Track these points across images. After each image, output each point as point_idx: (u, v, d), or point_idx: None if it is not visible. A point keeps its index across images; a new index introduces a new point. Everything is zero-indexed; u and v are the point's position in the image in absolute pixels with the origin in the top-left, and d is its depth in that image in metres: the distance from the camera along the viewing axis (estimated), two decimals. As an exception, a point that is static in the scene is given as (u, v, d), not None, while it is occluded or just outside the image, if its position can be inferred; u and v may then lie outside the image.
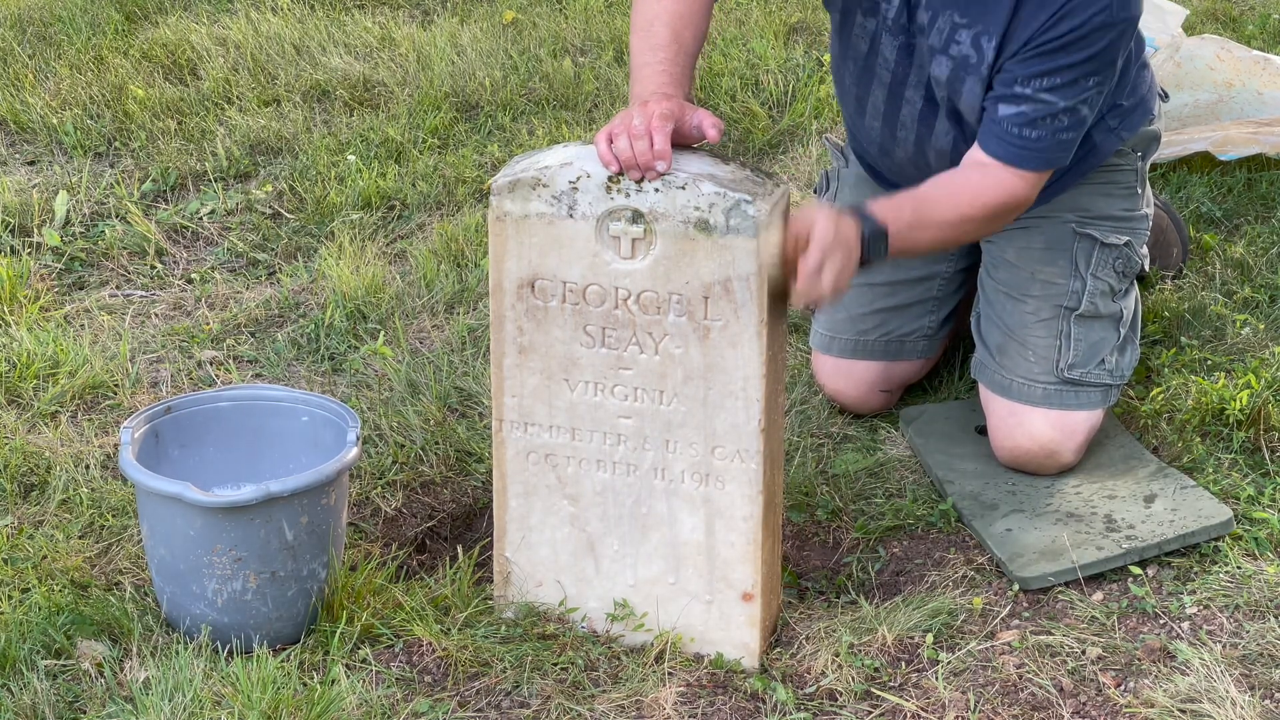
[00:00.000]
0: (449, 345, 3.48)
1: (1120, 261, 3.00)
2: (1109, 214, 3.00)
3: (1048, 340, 2.97)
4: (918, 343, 3.23)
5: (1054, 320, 2.98)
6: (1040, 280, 2.99)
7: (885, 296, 3.20)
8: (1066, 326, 2.97)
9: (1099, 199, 2.99)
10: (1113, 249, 2.98)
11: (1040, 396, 2.97)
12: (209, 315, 3.67)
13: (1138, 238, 3.03)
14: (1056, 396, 2.97)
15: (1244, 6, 5.29)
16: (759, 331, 2.43)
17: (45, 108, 4.65)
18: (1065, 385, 2.96)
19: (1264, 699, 2.43)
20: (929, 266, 3.20)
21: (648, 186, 2.41)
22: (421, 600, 2.65)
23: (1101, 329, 2.99)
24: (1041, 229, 2.99)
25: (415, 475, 3.05)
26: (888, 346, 3.21)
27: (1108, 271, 2.99)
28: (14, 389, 3.31)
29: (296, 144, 4.43)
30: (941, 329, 3.26)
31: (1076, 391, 2.97)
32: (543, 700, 2.48)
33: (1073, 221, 2.98)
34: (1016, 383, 2.99)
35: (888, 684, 2.52)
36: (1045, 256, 2.99)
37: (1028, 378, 2.98)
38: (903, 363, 3.23)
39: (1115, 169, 3.00)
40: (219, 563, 2.53)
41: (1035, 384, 2.98)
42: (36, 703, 2.45)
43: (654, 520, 2.57)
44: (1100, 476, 2.95)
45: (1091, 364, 2.98)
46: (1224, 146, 4.00)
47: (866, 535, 2.90)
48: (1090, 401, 2.98)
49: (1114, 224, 3.00)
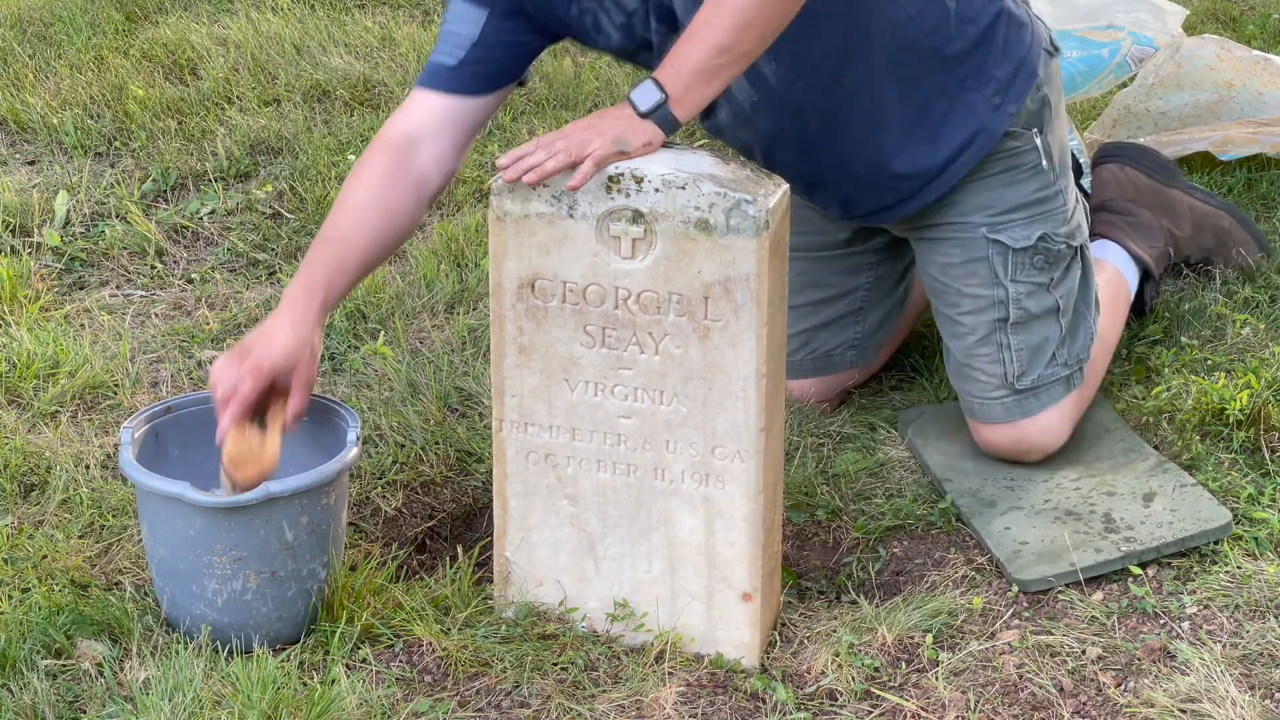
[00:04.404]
0: (449, 345, 3.48)
1: (1039, 258, 2.93)
2: (1021, 203, 2.93)
3: (992, 358, 2.95)
4: (845, 354, 3.24)
5: (990, 336, 2.95)
6: (968, 296, 2.96)
7: (807, 317, 3.21)
8: (1004, 339, 2.95)
9: (1005, 190, 2.92)
10: (1026, 251, 2.92)
11: (1001, 413, 2.96)
12: (209, 315, 3.67)
13: (1053, 219, 2.94)
14: (1017, 407, 2.96)
15: (1244, 6, 5.29)
16: (759, 332, 2.43)
17: (45, 108, 4.65)
18: (1021, 394, 2.96)
19: (1264, 699, 2.43)
20: (848, 280, 3.20)
21: (648, 186, 2.41)
22: (421, 600, 2.65)
23: (1041, 328, 2.96)
24: (957, 240, 2.95)
25: (415, 475, 3.05)
26: (815, 363, 3.23)
27: (1027, 272, 2.93)
28: (14, 389, 3.31)
29: (297, 144, 4.43)
30: (871, 338, 3.25)
31: (1036, 394, 2.96)
32: (543, 700, 2.48)
33: (984, 226, 2.92)
34: (977, 404, 2.99)
35: (888, 684, 2.52)
36: (965, 270, 2.95)
37: (984, 398, 2.97)
38: (833, 375, 3.25)
39: (1014, 153, 2.91)
40: (219, 563, 2.53)
41: (993, 403, 2.97)
42: (36, 703, 2.45)
43: (654, 520, 2.57)
44: (1100, 470, 2.95)
45: (1041, 366, 2.96)
46: (1224, 146, 4.01)
47: (866, 535, 2.90)
48: (1053, 397, 2.97)
49: (1027, 214, 2.92)
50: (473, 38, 2.75)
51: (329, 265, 2.68)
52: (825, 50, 2.75)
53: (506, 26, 2.76)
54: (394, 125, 2.77)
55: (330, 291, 2.67)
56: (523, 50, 2.80)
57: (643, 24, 2.72)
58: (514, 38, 2.78)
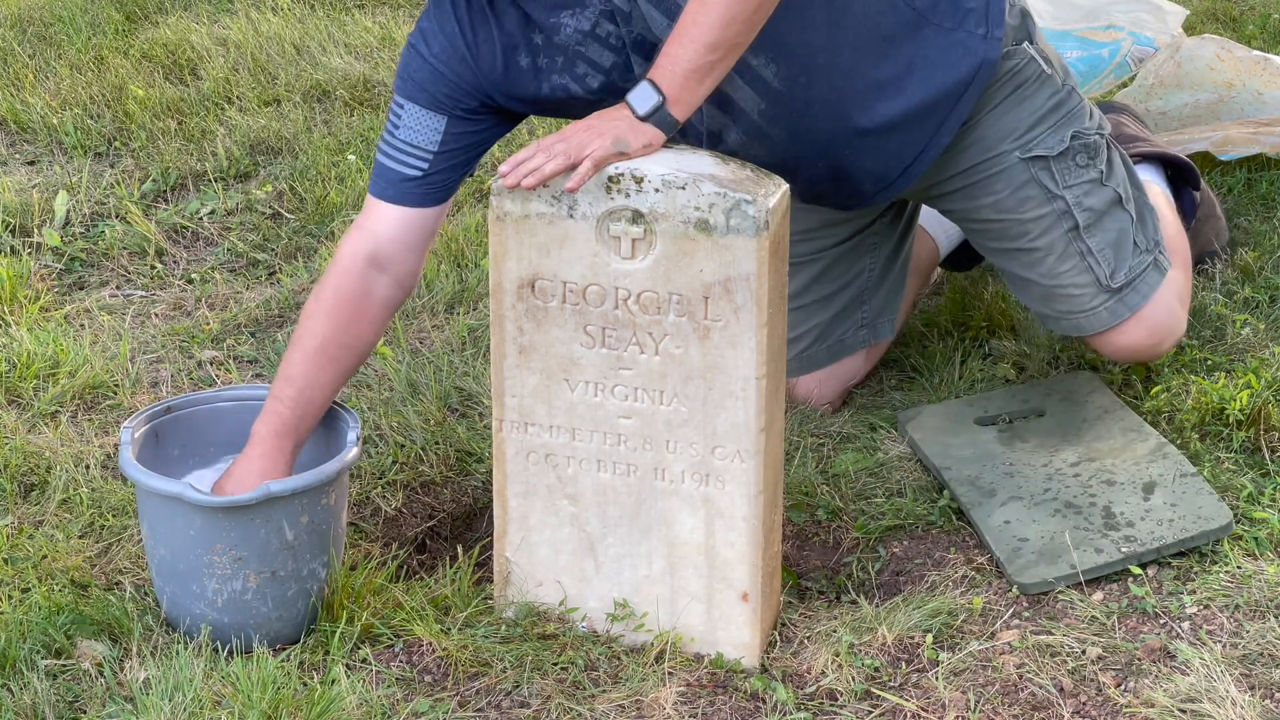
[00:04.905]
0: (449, 345, 3.48)
1: (1080, 155, 2.93)
2: (1038, 115, 2.92)
3: (1078, 269, 2.94)
4: (857, 334, 3.24)
5: (1069, 249, 2.94)
6: (1030, 220, 2.94)
7: (820, 310, 3.21)
8: (1083, 245, 2.94)
9: (1019, 109, 2.92)
10: (1066, 154, 2.92)
11: (1108, 317, 2.96)
12: (209, 315, 3.67)
13: (1076, 116, 2.94)
14: (1121, 305, 2.95)
15: (1244, 6, 5.29)
16: (759, 332, 2.43)
17: (45, 108, 4.65)
18: (1119, 292, 2.95)
19: (1264, 699, 2.43)
20: (854, 266, 3.20)
21: (648, 186, 2.41)
22: (421, 600, 2.65)
23: (1113, 221, 2.96)
24: (995, 174, 2.93)
25: (415, 475, 3.05)
26: (831, 350, 3.23)
27: (1076, 173, 2.93)
28: (14, 389, 3.31)
29: (296, 144, 4.43)
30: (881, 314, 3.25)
31: (1134, 287, 2.96)
32: (543, 700, 2.49)
33: (1015, 150, 2.91)
34: (1082, 318, 2.97)
35: (888, 684, 2.52)
36: (1017, 199, 2.94)
37: (1085, 310, 2.96)
38: (848, 360, 3.25)
39: (1014, 72, 2.90)
40: (219, 562, 2.53)
41: (1097, 311, 2.96)
42: (36, 703, 2.45)
43: (654, 520, 2.57)
44: (1099, 453, 2.95)
45: (1129, 257, 2.95)
46: (1224, 146, 4.01)
47: (866, 535, 2.90)
48: (1151, 284, 2.97)
49: (1050, 121, 2.93)
50: (434, 147, 2.73)
51: (298, 410, 2.68)
52: (814, 37, 2.74)
53: (470, 129, 2.75)
54: (357, 243, 2.74)
55: (299, 430, 2.69)
56: (483, 146, 2.80)
57: (623, 73, 2.70)
58: (476, 137, 2.77)
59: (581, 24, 2.67)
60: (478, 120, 2.75)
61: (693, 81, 2.50)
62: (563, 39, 2.68)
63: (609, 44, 2.68)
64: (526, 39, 2.70)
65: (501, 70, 2.71)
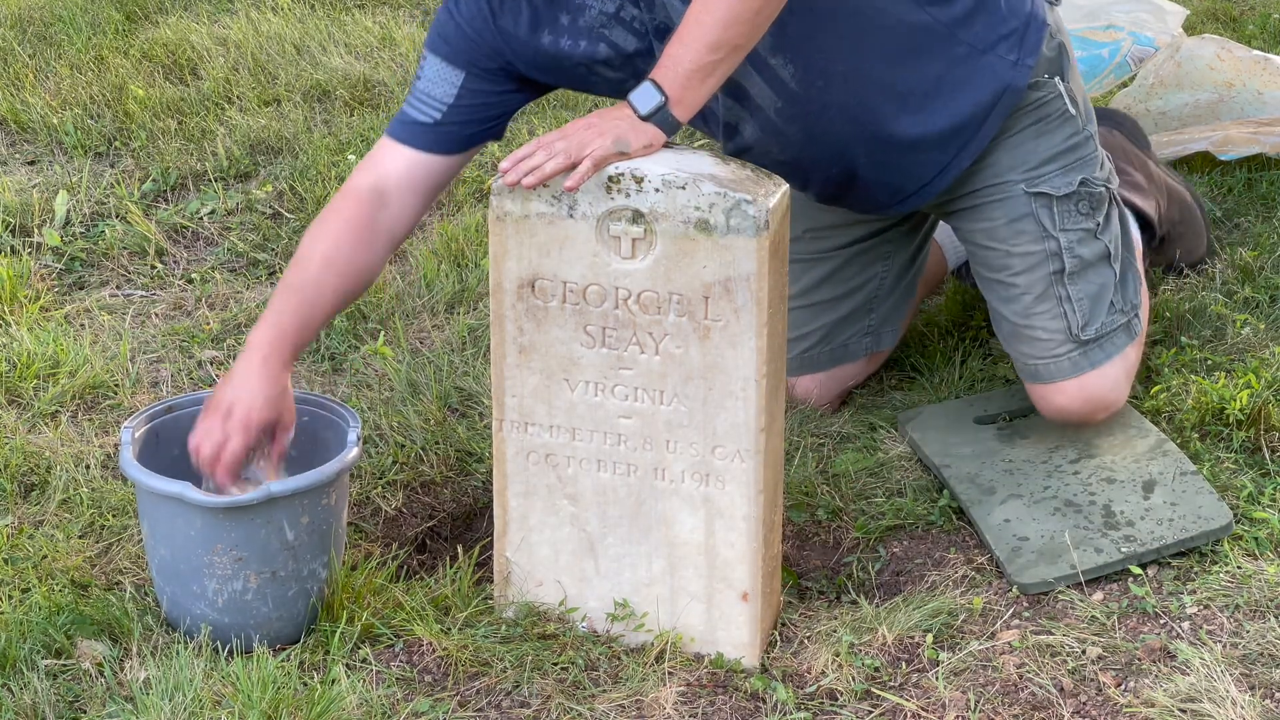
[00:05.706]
0: (449, 345, 3.48)
1: (1083, 203, 2.93)
2: (1054, 152, 2.92)
3: (1052, 313, 2.94)
4: (861, 341, 3.24)
5: (1048, 292, 2.93)
6: (1018, 255, 2.94)
7: (827, 312, 3.21)
8: (1063, 291, 2.93)
9: (1037, 142, 2.91)
10: (1070, 198, 2.92)
11: (1070, 368, 2.94)
12: (209, 315, 3.67)
13: (1089, 163, 2.95)
14: (1084, 359, 2.94)
15: (1244, 6, 5.29)
16: (759, 331, 2.43)
17: (45, 108, 4.65)
18: (1087, 346, 2.94)
19: (1264, 699, 2.43)
20: (866, 272, 3.20)
21: (648, 186, 2.41)
22: (422, 600, 2.65)
23: (1097, 275, 2.95)
24: (997, 202, 2.93)
25: (415, 475, 3.05)
26: (833, 354, 3.23)
27: (1075, 219, 2.92)
28: (14, 389, 3.31)
29: (297, 144, 4.43)
30: (886, 322, 3.25)
31: (1100, 344, 2.94)
32: (543, 700, 2.49)
33: (1022, 182, 2.91)
34: (1041, 365, 2.96)
35: (888, 684, 2.52)
36: (1011, 230, 2.93)
37: (1048, 356, 2.95)
38: (849, 365, 3.25)
39: (1039, 104, 2.90)
40: (219, 563, 2.53)
41: (1059, 359, 2.94)
42: (36, 703, 2.45)
43: (654, 520, 2.57)
44: (1099, 450, 2.95)
45: (1102, 313, 2.94)
46: (1224, 146, 4.01)
47: (866, 535, 2.90)
48: (1117, 345, 2.96)
49: (1063, 162, 2.92)
50: (449, 99, 2.74)
51: (297, 315, 2.69)
52: (836, 44, 2.74)
53: (486, 89, 2.76)
54: (363, 175, 2.76)
55: (299, 340, 2.69)
56: (501, 111, 2.80)
57: (645, 59, 2.70)
58: (494, 99, 2.77)
59: (606, 6, 2.69)
60: (496, 81, 2.76)
61: (695, 82, 2.50)
62: (587, 20, 2.70)
63: (633, 28, 2.69)
64: (552, 17, 2.71)
65: (525, 42, 2.73)
